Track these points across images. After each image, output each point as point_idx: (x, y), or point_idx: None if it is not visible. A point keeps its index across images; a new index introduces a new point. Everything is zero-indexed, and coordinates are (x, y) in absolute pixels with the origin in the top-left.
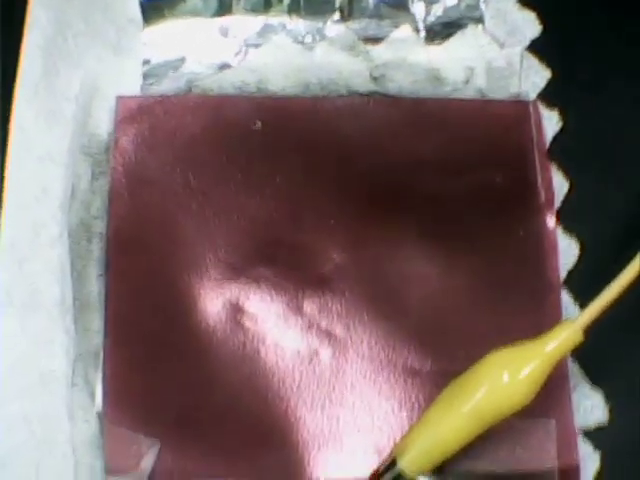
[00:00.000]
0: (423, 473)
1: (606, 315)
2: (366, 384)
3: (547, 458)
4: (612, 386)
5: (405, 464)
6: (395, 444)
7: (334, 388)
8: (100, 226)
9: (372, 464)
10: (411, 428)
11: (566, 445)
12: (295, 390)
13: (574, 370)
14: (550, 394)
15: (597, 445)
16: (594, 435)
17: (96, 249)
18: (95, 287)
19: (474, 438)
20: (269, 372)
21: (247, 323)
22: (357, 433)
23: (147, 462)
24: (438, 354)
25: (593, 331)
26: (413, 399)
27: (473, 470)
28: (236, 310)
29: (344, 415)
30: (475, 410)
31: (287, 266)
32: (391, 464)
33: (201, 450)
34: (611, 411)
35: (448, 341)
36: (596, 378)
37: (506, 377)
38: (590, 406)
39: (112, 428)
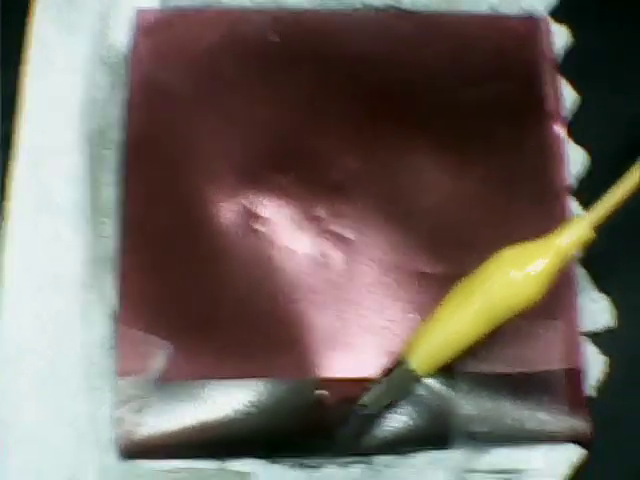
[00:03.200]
0: (432, 371)
1: (614, 222)
2: (376, 287)
3: (553, 359)
4: (619, 293)
5: (414, 362)
6: (405, 343)
7: (345, 291)
8: (116, 134)
9: (382, 364)
10: (421, 327)
11: (572, 348)
12: (307, 293)
13: (581, 275)
14: (556, 298)
15: (603, 350)
16: (600, 340)
17: (111, 157)
18: (110, 193)
19: (482, 338)
20: (281, 275)
21: (260, 228)
22: (367, 334)
23: (158, 364)
24: (448, 258)
25: (600, 238)
26: (423, 301)
27: (480, 371)
28: (250, 215)
29: (355, 317)
30: (485, 307)
31: (301, 173)
32: (401, 362)
33: (213, 351)
34: (619, 317)
35: (458, 245)
36: (603, 285)
37: (516, 273)
38: (597, 310)
39: (125, 330)
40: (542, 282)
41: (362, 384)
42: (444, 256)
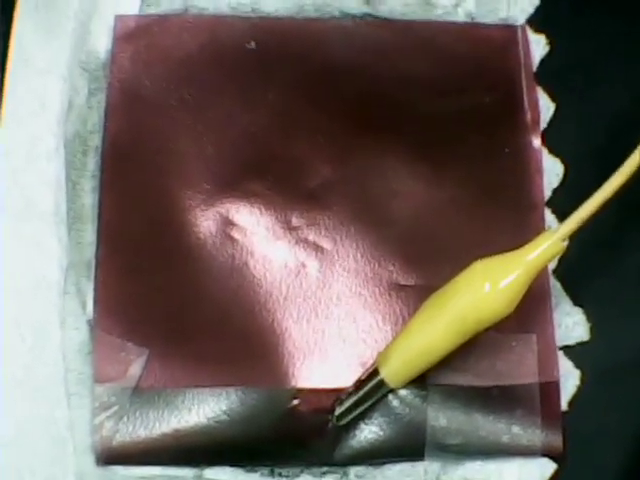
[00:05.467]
0: (404, 382)
1: (587, 233)
2: (351, 297)
3: (528, 373)
4: (593, 305)
5: (386, 373)
6: (378, 354)
7: (320, 301)
8: (96, 140)
9: (356, 374)
10: (394, 339)
11: (547, 361)
12: (282, 302)
13: (556, 288)
14: (532, 311)
15: (577, 363)
16: (574, 353)
17: (91, 162)
18: (89, 199)
19: (455, 350)
20: (257, 284)
21: (236, 236)
22: (342, 344)
23: (135, 371)
24: (423, 269)
25: (575, 251)
26: (397, 312)
27: (454, 383)
28: (226, 223)
29: (329, 327)
30: (456, 320)
31: (277, 181)
32: (373, 373)
33: (189, 359)
34: (592, 330)
35: (432, 257)
36: (577, 297)
37: (487, 286)
38: (571, 323)
39: (102, 336)
40: (512, 296)
41: (335, 394)
42: (418, 267)
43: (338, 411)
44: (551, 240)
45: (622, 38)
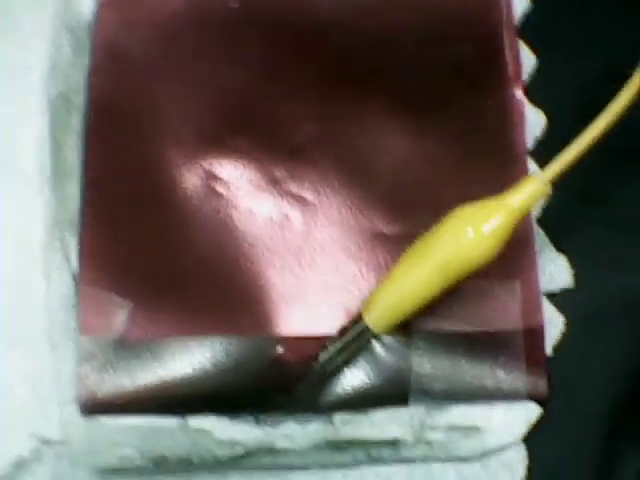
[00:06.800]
0: (388, 329)
1: (571, 183)
2: (335, 247)
3: (512, 319)
4: (577, 254)
5: (371, 320)
6: (362, 302)
7: (304, 251)
8: (80, 100)
9: (340, 322)
10: (378, 286)
11: (531, 307)
12: (265, 253)
13: (540, 236)
14: (515, 258)
15: (562, 310)
16: (558, 300)
17: (75, 121)
18: (73, 157)
19: (439, 296)
20: (241, 236)
21: (220, 190)
22: (325, 293)
23: (120, 322)
24: (406, 219)
25: (558, 201)
26: (381, 262)
27: (438, 330)
28: (210, 177)
29: (313, 277)
30: (439, 266)
31: (260, 136)
32: (357, 320)
33: (174, 310)
34: (576, 277)
35: (415, 207)
36: (561, 246)
37: (470, 232)
38: (555, 270)
39: (86, 288)
40: (495, 241)
41: (320, 342)
42: (402, 216)
43: (322, 358)
44: (535, 184)
45: None
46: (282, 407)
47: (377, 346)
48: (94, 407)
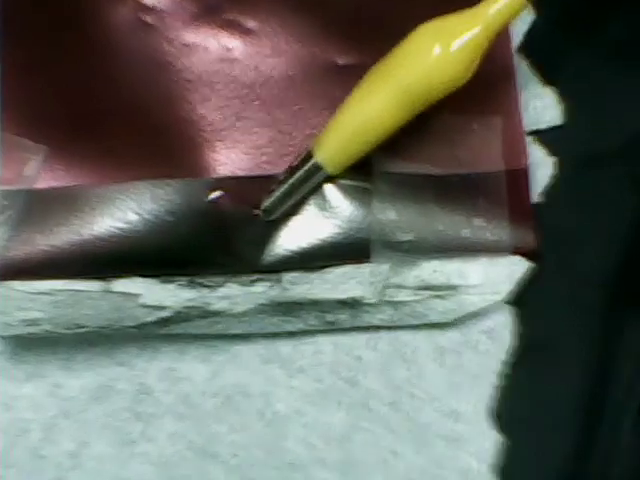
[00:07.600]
0: (343, 168)
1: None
2: (282, 80)
3: (492, 159)
4: (566, 86)
5: (322, 157)
6: (314, 139)
7: (245, 85)
8: None
9: (287, 163)
10: (331, 119)
11: (514, 147)
12: (201, 90)
13: (522, 67)
14: (494, 92)
15: (550, 151)
16: (546, 139)
17: None
18: None
19: (403, 127)
20: (174, 72)
21: (151, 21)
22: (272, 131)
23: (31, 170)
24: (364, 47)
25: (542, 26)
26: (335, 95)
27: (406, 172)
28: (139, 8)
29: (255, 113)
30: (400, 89)
31: None
32: (307, 157)
33: (97, 155)
34: (565, 112)
35: (374, 34)
36: (548, 76)
37: (437, 49)
38: (541, 106)
39: (7, 137)
40: (467, 59)
41: (263, 184)
42: (359, 45)
43: (266, 202)
44: None
45: None
46: (221, 266)
47: (332, 190)
48: (5, 271)
